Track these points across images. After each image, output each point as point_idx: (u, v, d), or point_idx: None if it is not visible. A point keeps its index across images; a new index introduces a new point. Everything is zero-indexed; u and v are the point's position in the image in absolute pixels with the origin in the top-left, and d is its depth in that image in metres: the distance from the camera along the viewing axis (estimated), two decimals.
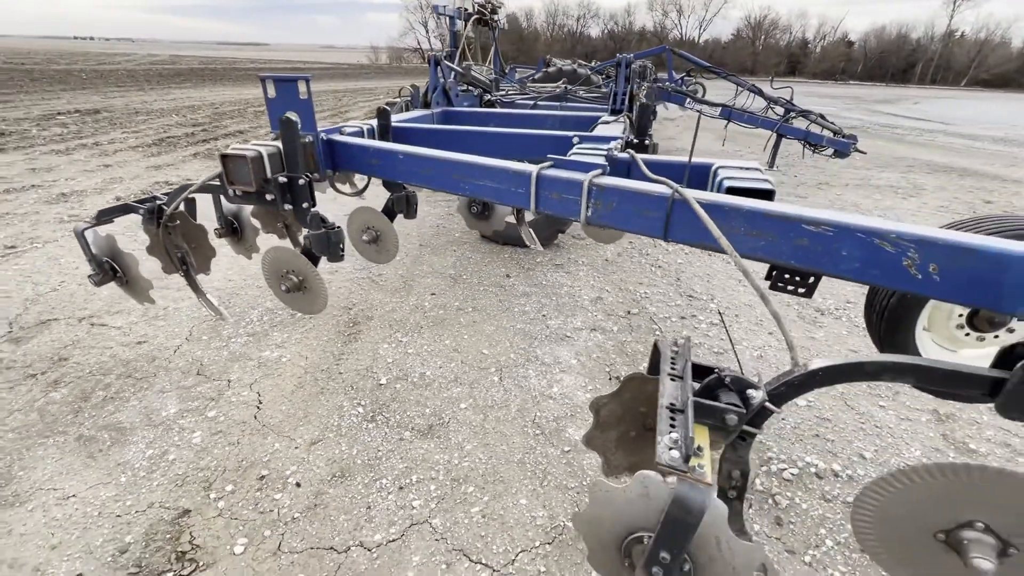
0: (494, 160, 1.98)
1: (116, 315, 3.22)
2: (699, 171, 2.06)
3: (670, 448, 1.09)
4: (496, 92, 5.15)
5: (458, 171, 2.06)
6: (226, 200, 2.54)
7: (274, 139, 2.26)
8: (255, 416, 2.39)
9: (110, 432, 2.26)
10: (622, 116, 3.38)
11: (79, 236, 2.31)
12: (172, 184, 6.17)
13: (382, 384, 2.65)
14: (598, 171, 1.79)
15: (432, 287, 3.80)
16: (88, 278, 2.31)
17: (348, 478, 2.06)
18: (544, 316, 3.42)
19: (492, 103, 4.73)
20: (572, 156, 2.07)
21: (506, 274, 4.05)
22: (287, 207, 2.30)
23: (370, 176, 2.75)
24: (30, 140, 8.47)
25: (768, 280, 1.61)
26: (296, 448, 2.20)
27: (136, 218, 2.21)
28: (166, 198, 2.46)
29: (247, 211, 2.81)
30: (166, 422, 2.33)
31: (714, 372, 1.24)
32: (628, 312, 3.53)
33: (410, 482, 2.05)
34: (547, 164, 1.89)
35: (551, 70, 7.56)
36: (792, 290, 1.60)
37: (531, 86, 6.03)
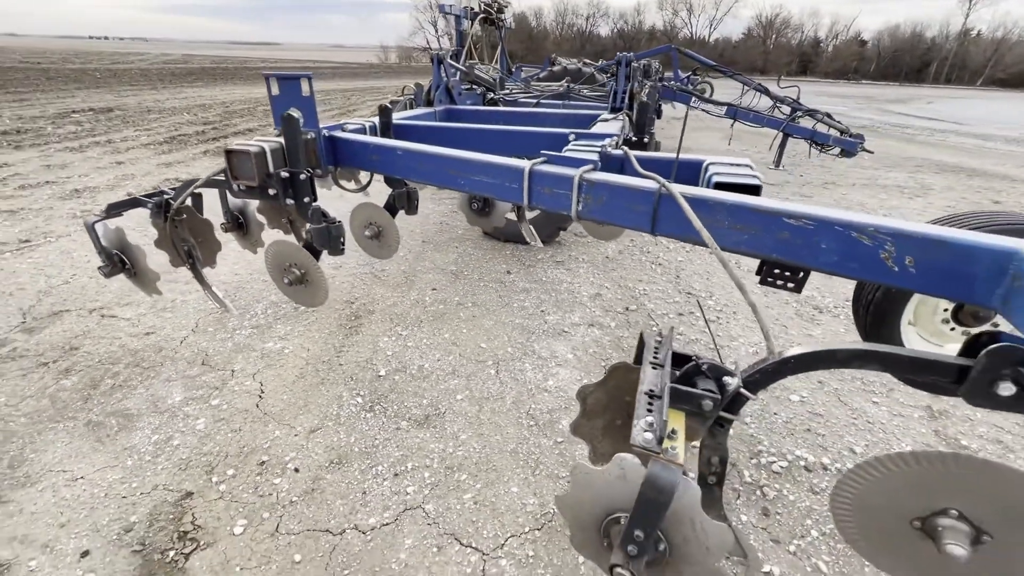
0: (489, 156, 2.02)
1: (125, 307, 3.31)
2: (692, 167, 2.09)
3: (645, 431, 1.13)
4: (500, 91, 5.20)
5: (454, 167, 2.10)
6: (232, 196, 2.61)
7: (277, 135, 2.32)
8: (257, 405, 2.46)
9: (118, 418, 2.34)
10: (621, 114, 3.41)
11: (89, 229, 2.38)
12: (182, 180, 6.28)
13: (381, 376, 2.71)
14: (589, 166, 1.83)
15: (433, 282, 3.85)
16: (98, 269, 2.38)
17: (345, 465, 2.12)
18: (543, 312, 3.46)
19: (495, 101, 4.79)
20: (566, 152, 2.11)
21: (507, 270, 4.10)
22: (289, 201, 2.36)
23: (370, 172, 2.81)
24: (45, 138, 8.64)
25: (758, 275, 1.64)
26: (296, 436, 2.27)
27: (147, 214, 2.28)
28: (173, 192, 2.53)
29: (253, 206, 2.87)
30: (171, 409, 2.41)
31: (692, 360, 1.28)
32: (626, 308, 3.56)
33: (405, 469, 2.11)
34: (540, 160, 1.93)
35: (556, 69, 7.60)
36: (781, 285, 1.63)
37: (535, 85, 6.06)
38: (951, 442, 2.36)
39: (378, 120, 2.92)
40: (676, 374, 1.30)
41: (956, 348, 1.85)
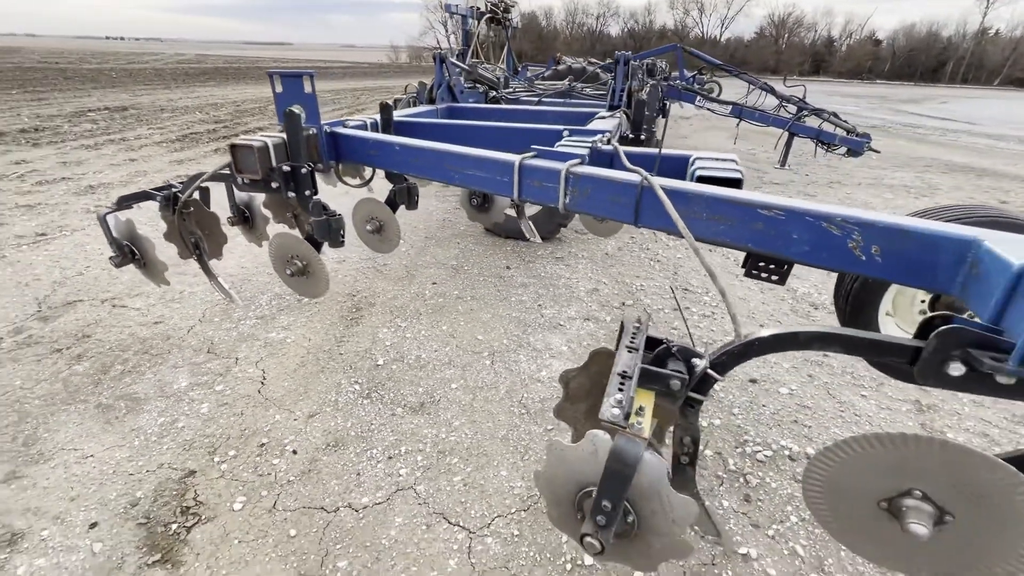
0: (481, 151, 2.09)
1: (136, 297, 3.43)
2: (680, 162, 2.14)
3: (613, 407, 1.19)
4: (504, 89, 5.27)
5: (448, 161, 2.17)
6: (238, 190, 2.71)
7: (280, 131, 2.40)
8: (259, 391, 2.55)
9: (126, 401, 2.44)
10: (618, 112, 3.47)
11: (101, 220, 2.49)
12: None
13: (379, 365, 2.79)
14: (576, 160, 1.89)
15: (434, 277, 3.93)
16: (109, 260, 2.49)
17: (341, 448, 2.20)
18: (540, 306, 3.53)
19: (497, 100, 4.85)
20: (557, 148, 2.17)
21: (506, 266, 4.17)
22: (291, 194, 2.44)
23: (369, 166, 2.89)
24: (62, 135, 8.86)
25: (743, 268, 1.69)
26: (295, 420, 2.35)
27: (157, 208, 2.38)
28: (181, 186, 2.63)
29: (258, 201, 2.95)
30: (177, 394, 2.50)
31: (664, 343, 1.34)
32: (623, 303, 3.61)
33: (399, 453, 2.18)
34: (530, 154, 1.99)
35: (560, 68, 7.66)
36: (766, 277, 1.68)
37: (538, 84, 6.12)
38: (937, 435, 2.38)
39: (379, 117, 3.00)
40: (650, 357, 1.36)
41: None
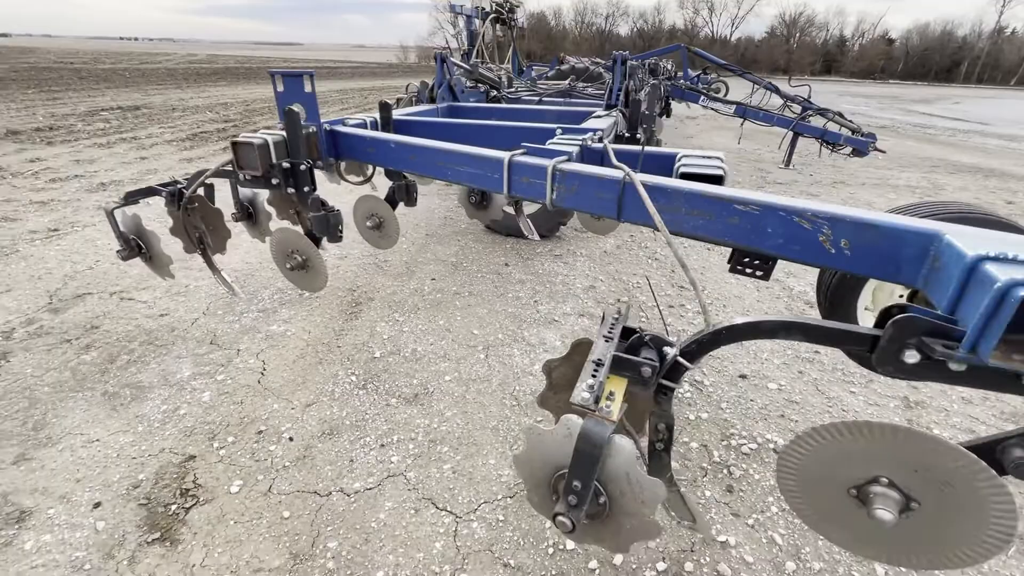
0: (473, 148, 2.15)
1: (143, 291, 3.53)
2: (668, 160, 2.18)
3: (584, 391, 1.25)
4: (506, 89, 5.32)
5: (441, 158, 2.23)
6: (241, 187, 2.78)
7: (281, 129, 2.48)
8: (259, 381, 2.63)
9: (131, 389, 2.53)
10: (614, 111, 3.51)
11: (109, 215, 2.58)
12: None
13: (376, 357, 2.86)
14: (563, 157, 1.94)
15: (433, 273, 4.00)
16: (116, 253, 2.58)
17: (336, 435, 2.27)
18: (536, 302, 3.58)
19: (498, 99, 4.91)
20: (548, 145, 2.22)
21: (505, 263, 4.23)
22: (290, 190, 2.52)
23: (367, 163, 2.96)
24: (76, 134, 9.05)
25: (729, 263, 1.73)
26: (292, 409, 2.43)
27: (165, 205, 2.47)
28: (186, 182, 2.72)
29: (262, 197, 3.03)
30: (180, 383, 2.59)
31: (637, 332, 1.39)
32: (618, 300, 3.66)
33: (391, 441, 2.25)
34: (520, 151, 2.05)
35: (564, 68, 7.71)
36: (750, 272, 1.72)
37: (541, 83, 6.17)
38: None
39: (379, 116, 3.06)
40: (623, 345, 1.42)
41: None
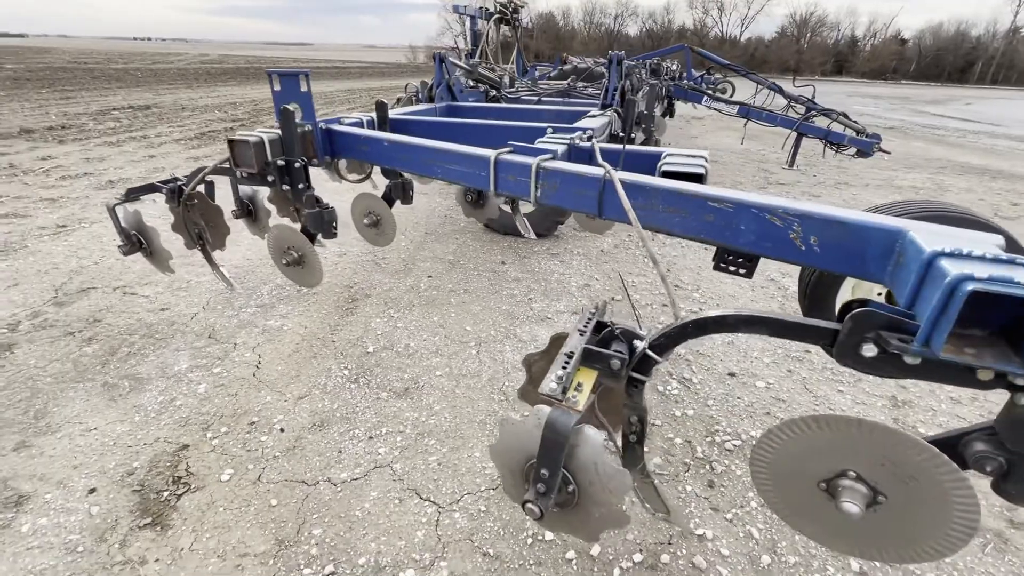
0: (461, 146, 2.19)
1: (146, 286, 3.61)
2: (653, 158, 2.21)
3: (552, 382, 1.28)
4: (507, 88, 5.36)
5: (430, 156, 2.27)
6: (242, 185, 2.84)
7: (277, 127, 2.53)
8: (254, 374, 2.69)
9: (130, 381, 2.60)
10: (609, 111, 3.54)
11: (110, 211, 2.65)
12: None
13: (369, 352, 2.91)
14: (547, 155, 1.98)
15: (430, 270, 4.05)
16: (118, 248, 2.65)
17: (326, 427, 2.32)
18: (530, 299, 3.61)
19: (497, 99, 4.95)
20: (537, 144, 2.26)
21: (501, 261, 4.27)
22: (285, 187, 2.57)
23: (360, 161, 3.01)
24: (87, 133, 9.21)
25: (713, 261, 1.76)
26: (285, 401, 2.48)
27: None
28: (185, 179, 2.78)
29: (262, 195, 3.09)
30: (178, 375, 2.65)
31: (608, 326, 1.43)
32: (612, 298, 3.68)
33: (380, 433, 2.30)
34: (506, 150, 2.08)
35: (567, 68, 7.73)
36: (734, 271, 1.74)
37: (542, 83, 6.21)
38: (908, 430, 2.41)
39: (376, 115, 3.11)
40: (595, 339, 1.45)
41: None
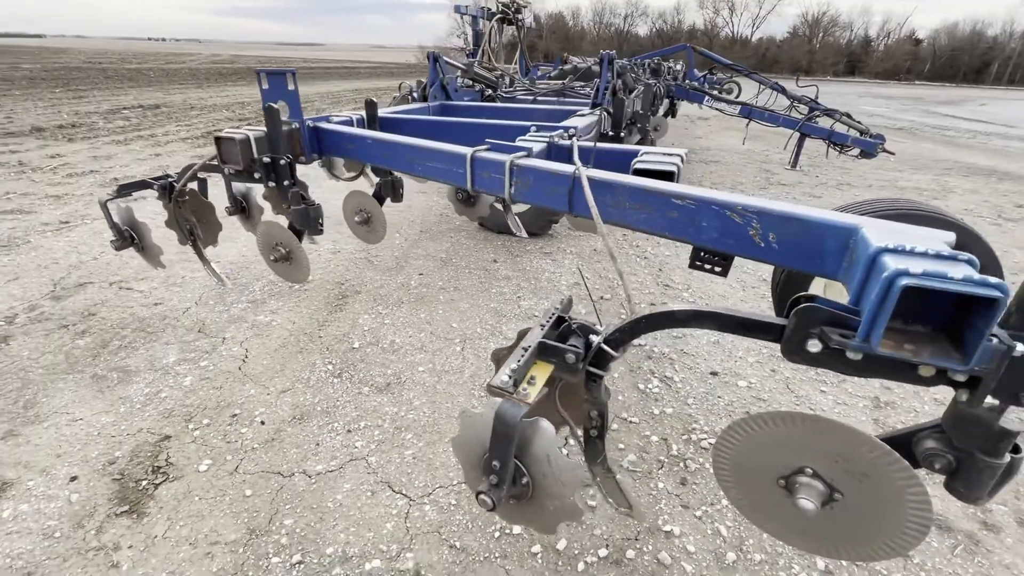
0: (439, 144, 2.21)
1: (141, 281, 3.67)
2: (629, 156, 2.21)
3: (504, 375, 1.30)
4: (506, 88, 5.37)
5: (411, 154, 2.30)
6: (235, 182, 2.88)
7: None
8: (239, 368, 2.73)
9: (119, 373, 2.65)
10: (598, 110, 3.54)
11: (103, 206, 2.70)
12: None
13: (354, 348, 2.95)
14: (522, 153, 1.99)
15: (421, 268, 4.08)
16: (110, 243, 2.70)
17: (306, 420, 2.35)
18: (519, 298, 3.63)
19: (492, 98, 4.97)
20: (517, 142, 2.27)
21: (493, 259, 4.28)
22: (271, 184, 2.60)
23: (348, 159, 3.04)
24: (96, 131, 9.37)
25: (689, 260, 1.77)
26: (268, 395, 2.52)
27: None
28: (176, 176, 2.83)
29: (255, 192, 3.13)
30: (165, 368, 2.70)
31: (566, 321, 1.44)
32: (601, 297, 3.69)
33: (358, 427, 2.32)
34: (483, 148, 2.10)
35: (567, 67, 7.73)
36: (708, 269, 1.74)
37: (540, 83, 6.22)
38: (887, 430, 2.39)
39: (365, 113, 3.14)
40: (554, 334, 1.46)
41: None
